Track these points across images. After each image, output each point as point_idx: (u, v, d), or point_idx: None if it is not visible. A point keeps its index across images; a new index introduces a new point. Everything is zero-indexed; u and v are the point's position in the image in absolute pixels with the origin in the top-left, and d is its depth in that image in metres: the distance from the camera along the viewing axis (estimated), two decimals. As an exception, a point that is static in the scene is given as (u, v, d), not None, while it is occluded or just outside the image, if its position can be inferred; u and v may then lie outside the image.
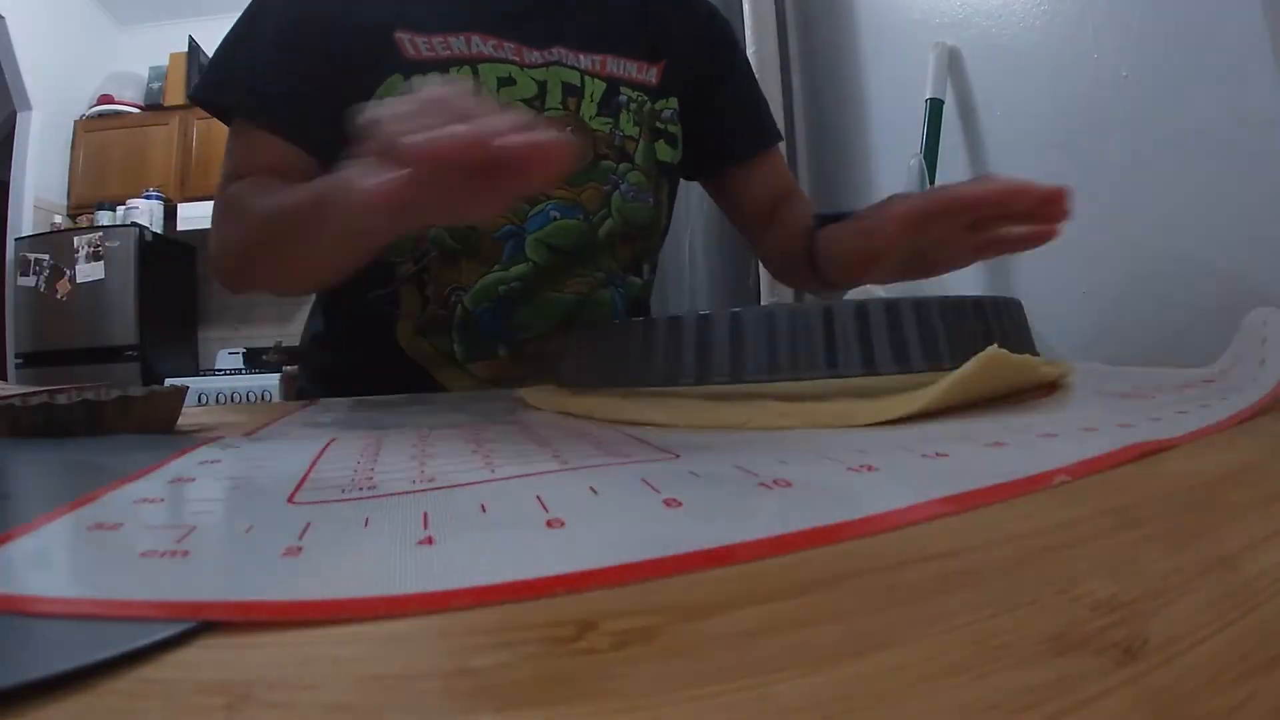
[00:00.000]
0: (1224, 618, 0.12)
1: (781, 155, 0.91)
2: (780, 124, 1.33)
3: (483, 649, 0.12)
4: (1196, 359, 0.49)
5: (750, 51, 1.35)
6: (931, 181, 1.04)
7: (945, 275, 1.00)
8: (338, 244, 0.53)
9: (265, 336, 3.86)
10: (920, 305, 0.37)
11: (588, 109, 0.75)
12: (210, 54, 0.72)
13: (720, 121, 0.85)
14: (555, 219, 0.74)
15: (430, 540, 0.17)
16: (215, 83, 0.71)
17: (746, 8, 1.36)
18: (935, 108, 1.07)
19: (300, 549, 0.17)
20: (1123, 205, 0.85)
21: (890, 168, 1.25)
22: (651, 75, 0.80)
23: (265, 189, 0.63)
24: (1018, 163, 1.00)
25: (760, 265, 1.40)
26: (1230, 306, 0.53)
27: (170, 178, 3.69)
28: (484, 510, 0.20)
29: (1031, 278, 0.99)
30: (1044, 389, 0.40)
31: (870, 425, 0.30)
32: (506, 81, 0.72)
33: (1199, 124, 0.76)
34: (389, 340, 0.75)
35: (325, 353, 0.84)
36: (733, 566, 0.15)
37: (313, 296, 0.88)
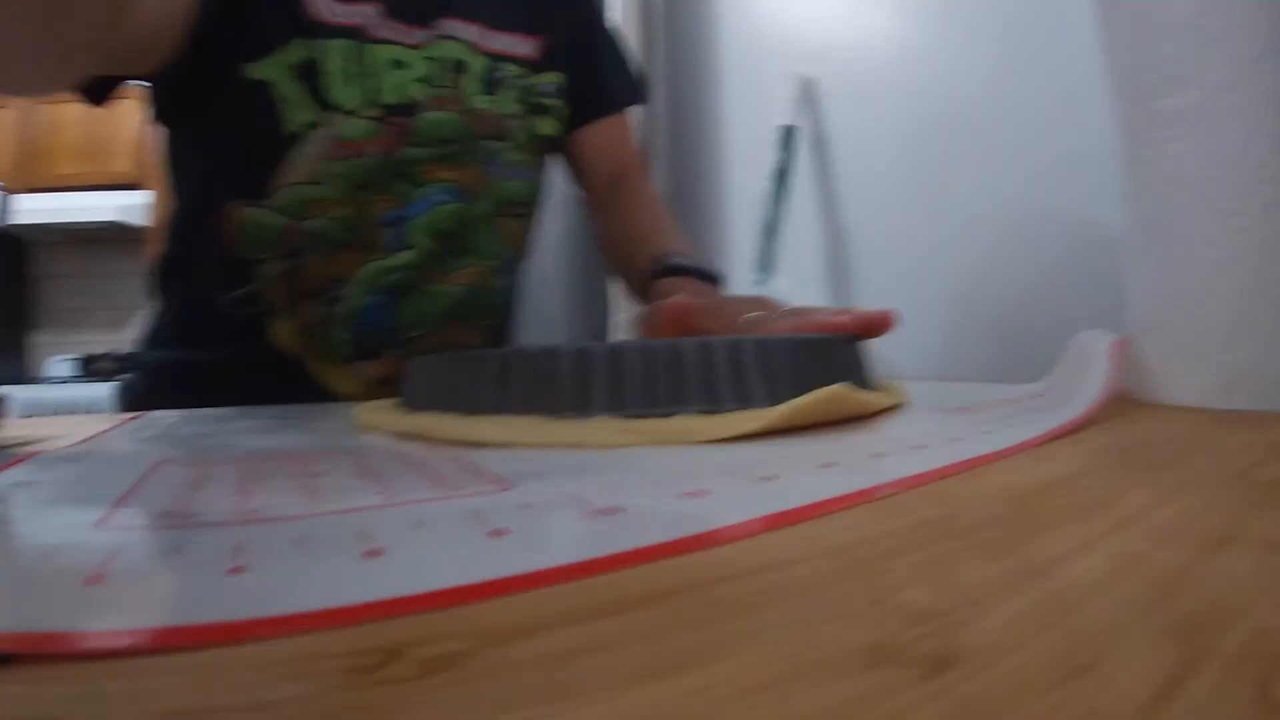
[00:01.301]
0: (1036, 626, 0.13)
1: (628, 127, 0.92)
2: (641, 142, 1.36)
3: (281, 680, 0.12)
4: (1030, 376, 0.52)
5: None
6: (783, 205, 1.07)
7: (789, 291, 1.05)
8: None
9: (102, 343, 3.61)
10: (763, 344, 0.38)
11: (471, 86, 0.74)
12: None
13: (574, 85, 0.85)
14: (438, 203, 0.72)
15: (240, 569, 0.16)
16: None
17: (616, 26, 1.38)
18: (789, 134, 1.11)
19: (104, 576, 0.16)
20: (965, 233, 0.90)
21: (744, 189, 1.29)
22: (532, 49, 0.79)
23: None
24: (867, 191, 1.05)
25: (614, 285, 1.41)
26: (1061, 327, 0.57)
27: (8, 166, 3.41)
28: (301, 542, 0.19)
29: (875, 298, 1.04)
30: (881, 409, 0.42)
31: (704, 452, 0.30)
32: (397, 64, 0.70)
33: (1039, 161, 0.82)
34: (259, 338, 0.70)
35: (173, 354, 0.76)
36: (550, 589, 0.15)
37: (151, 293, 0.80)
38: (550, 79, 0.81)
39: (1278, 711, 0.10)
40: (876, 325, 0.48)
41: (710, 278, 0.70)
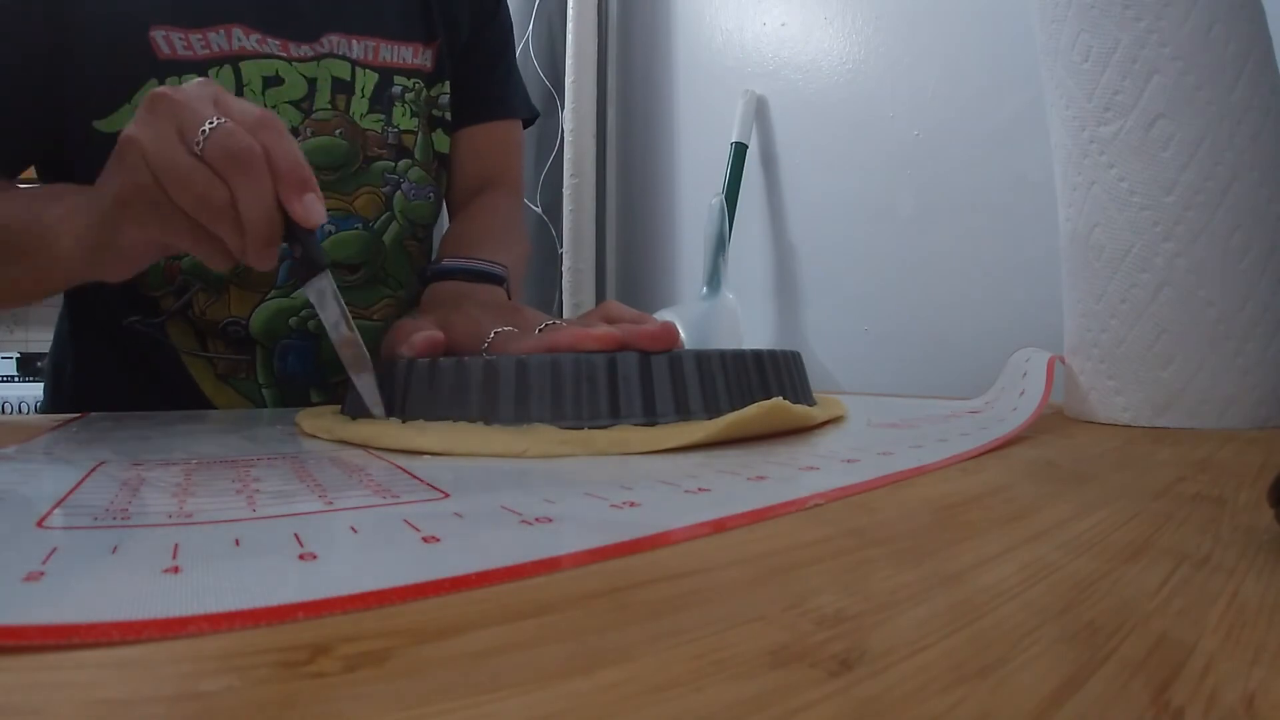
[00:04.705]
0: (943, 629, 0.13)
1: (508, 138, 0.87)
2: (592, 158, 1.37)
3: (213, 673, 0.12)
4: (971, 390, 0.53)
5: (569, 82, 1.38)
6: (730, 221, 1.08)
7: (735, 306, 1.06)
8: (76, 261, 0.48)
9: (42, 341, 3.51)
10: (702, 357, 0.39)
11: (358, 106, 0.71)
12: None
13: (458, 86, 0.81)
14: (331, 233, 0.69)
15: (177, 569, 0.17)
16: None
17: (569, 40, 1.39)
18: (739, 151, 1.13)
19: (43, 574, 0.16)
20: (907, 253, 0.93)
21: (693, 205, 1.31)
22: (426, 59, 0.76)
23: None
24: (814, 208, 1.07)
25: (564, 279, 1.42)
26: (1001, 344, 0.58)
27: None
28: (237, 544, 0.19)
29: (818, 316, 1.06)
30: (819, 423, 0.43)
31: (640, 463, 0.30)
32: (273, 80, 0.66)
33: (980, 185, 0.84)
34: (190, 389, 0.68)
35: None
36: (474, 592, 0.15)
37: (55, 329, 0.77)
38: (445, 89, 0.78)
39: (1173, 716, 0.10)
40: (659, 338, 0.39)
41: (490, 278, 0.65)
